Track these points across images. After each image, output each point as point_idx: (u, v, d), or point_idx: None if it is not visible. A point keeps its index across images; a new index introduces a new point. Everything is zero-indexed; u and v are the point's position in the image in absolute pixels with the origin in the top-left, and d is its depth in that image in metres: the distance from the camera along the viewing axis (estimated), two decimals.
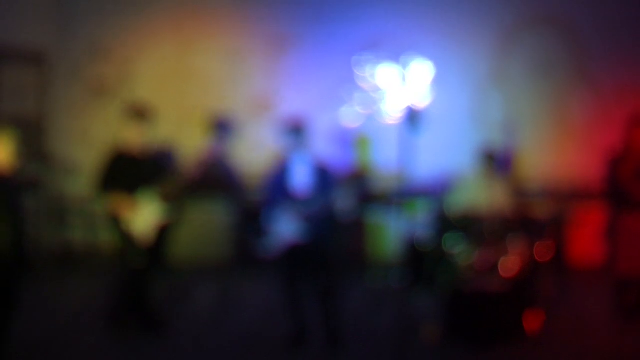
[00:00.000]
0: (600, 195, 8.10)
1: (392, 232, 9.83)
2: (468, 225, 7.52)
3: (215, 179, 9.30)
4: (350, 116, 10.01)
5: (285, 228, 6.87)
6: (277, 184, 7.01)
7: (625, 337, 7.33)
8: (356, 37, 10.30)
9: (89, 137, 10.47)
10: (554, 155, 10.44)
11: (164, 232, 7.54)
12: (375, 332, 7.40)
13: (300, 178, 6.93)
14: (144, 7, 11.01)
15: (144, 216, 7.16)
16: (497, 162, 8.07)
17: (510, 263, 7.30)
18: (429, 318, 7.37)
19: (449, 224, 7.62)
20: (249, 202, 9.87)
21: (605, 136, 9.23)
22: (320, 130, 8.90)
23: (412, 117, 6.26)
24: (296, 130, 6.93)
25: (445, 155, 9.86)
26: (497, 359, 6.87)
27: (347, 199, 6.73)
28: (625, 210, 7.62)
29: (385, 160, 10.12)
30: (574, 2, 10.52)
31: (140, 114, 7.34)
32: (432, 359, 6.79)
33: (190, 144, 9.73)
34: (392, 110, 6.81)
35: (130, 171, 7.20)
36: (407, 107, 6.36)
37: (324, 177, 6.89)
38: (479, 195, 7.89)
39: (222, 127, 9.66)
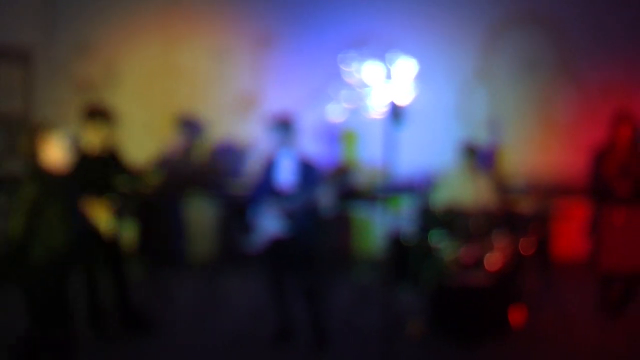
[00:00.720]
0: (584, 190, 8.13)
1: (377, 227, 9.85)
2: (452, 221, 7.54)
3: (182, 177, 9.30)
4: (336, 112, 10.03)
5: (270, 224, 6.88)
6: (263, 180, 7.03)
7: (609, 331, 7.38)
8: (342, 35, 10.31)
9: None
10: (540, 152, 10.46)
11: (142, 232, 7.52)
12: (360, 328, 7.42)
13: (286, 174, 6.94)
14: (129, 6, 10.99)
15: (111, 217, 7.10)
16: (480, 158, 8.10)
17: (494, 258, 7.32)
18: (414, 313, 7.39)
19: (433, 219, 7.65)
20: (234, 198, 9.88)
21: (590, 133, 9.27)
22: (306, 126, 8.92)
23: (396, 113, 6.28)
24: (283, 126, 6.94)
25: (430, 151, 9.88)
26: (482, 353, 6.89)
27: (330, 194, 6.73)
28: (609, 205, 7.66)
29: (370, 156, 10.14)
30: (560, 0, 10.55)
31: (99, 115, 7.21)
32: (418, 354, 6.81)
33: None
34: (377, 106, 6.82)
35: (93, 173, 7.14)
36: (390, 103, 6.38)
37: (309, 173, 6.89)
38: (462, 190, 7.92)
39: (188, 126, 9.66)
